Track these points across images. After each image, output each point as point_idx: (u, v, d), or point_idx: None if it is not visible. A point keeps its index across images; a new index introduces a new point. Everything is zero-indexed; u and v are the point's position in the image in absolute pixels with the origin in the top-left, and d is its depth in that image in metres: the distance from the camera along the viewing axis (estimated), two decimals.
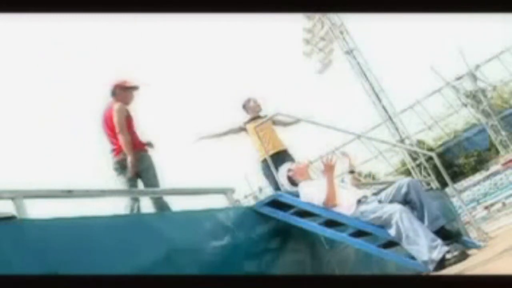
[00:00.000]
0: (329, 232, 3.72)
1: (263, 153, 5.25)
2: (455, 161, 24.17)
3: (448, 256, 3.19)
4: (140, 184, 4.11)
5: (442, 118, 22.58)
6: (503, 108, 22.54)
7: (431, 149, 20.50)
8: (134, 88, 4.41)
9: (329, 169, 3.66)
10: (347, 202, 3.67)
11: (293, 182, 3.99)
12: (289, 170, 4.04)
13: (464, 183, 21.32)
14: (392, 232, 3.41)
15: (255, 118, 5.65)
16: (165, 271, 2.77)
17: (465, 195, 19.45)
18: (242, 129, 5.70)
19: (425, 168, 16.55)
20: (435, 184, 7.36)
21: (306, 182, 3.93)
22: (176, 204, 4.08)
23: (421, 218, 3.49)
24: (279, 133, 5.67)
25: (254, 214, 3.85)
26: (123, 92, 4.33)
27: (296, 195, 3.93)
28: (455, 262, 3.15)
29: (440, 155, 18.37)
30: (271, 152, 5.30)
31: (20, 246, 2.19)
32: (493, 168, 20.99)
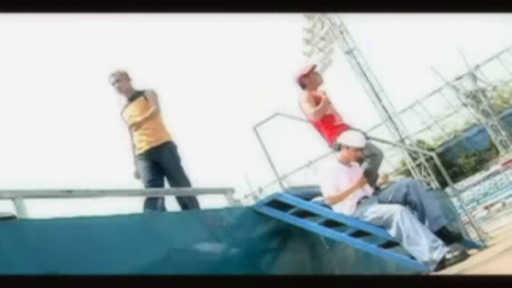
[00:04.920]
0: (329, 232, 3.72)
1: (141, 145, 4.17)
2: (455, 161, 24.18)
3: (448, 256, 3.19)
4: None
5: (442, 118, 22.61)
6: (503, 108, 22.56)
7: (431, 149, 20.50)
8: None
9: (363, 183, 3.69)
10: (348, 202, 3.67)
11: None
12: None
13: (464, 183, 21.34)
14: (392, 232, 3.41)
15: (132, 98, 4.30)
16: (165, 271, 2.77)
17: (465, 195, 19.46)
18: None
19: (425, 168, 16.55)
20: (435, 184, 7.37)
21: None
22: (177, 204, 4.09)
23: (421, 219, 3.49)
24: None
25: (254, 214, 3.85)
26: (308, 79, 4.37)
27: (296, 195, 3.93)
28: (455, 262, 3.16)
29: (440, 155, 18.37)
30: (154, 144, 4.13)
31: (20, 246, 2.19)
32: (493, 168, 21.00)
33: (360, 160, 4.00)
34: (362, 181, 3.73)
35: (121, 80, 4.25)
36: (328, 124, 4.17)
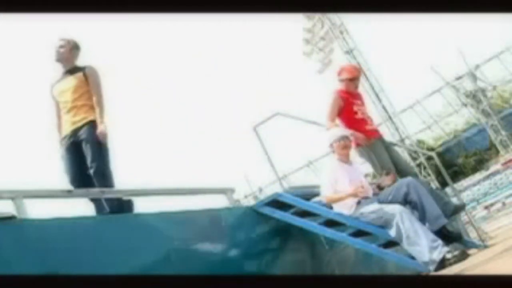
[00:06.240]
0: (329, 232, 3.72)
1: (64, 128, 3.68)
2: (455, 161, 24.17)
3: (448, 255, 3.19)
4: None
5: (442, 118, 22.62)
6: (503, 108, 22.57)
7: (431, 149, 20.49)
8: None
9: (358, 193, 3.64)
10: (348, 202, 3.67)
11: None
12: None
13: (464, 183, 21.33)
14: (392, 232, 3.41)
15: (67, 72, 3.81)
16: (165, 271, 2.77)
17: (465, 195, 19.45)
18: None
19: (425, 168, 16.54)
20: (435, 184, 7.36)
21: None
22: (176, 204, 4.07)
23: (421, 218, 3.49)
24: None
25: (254, 214, 3.84)
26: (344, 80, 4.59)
27: (296, 195, 3.93)
28: (455, 262, 3.15)
29: (440, 155, 18.37)
30: (78, 125, 3.60)
31: (20, 246, 2.19)
32: (493, 168, 21.00)
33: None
34: (359, 191, 3.64)
35: (65, 47, 3.79)
36: (359, 130, 4.32)
